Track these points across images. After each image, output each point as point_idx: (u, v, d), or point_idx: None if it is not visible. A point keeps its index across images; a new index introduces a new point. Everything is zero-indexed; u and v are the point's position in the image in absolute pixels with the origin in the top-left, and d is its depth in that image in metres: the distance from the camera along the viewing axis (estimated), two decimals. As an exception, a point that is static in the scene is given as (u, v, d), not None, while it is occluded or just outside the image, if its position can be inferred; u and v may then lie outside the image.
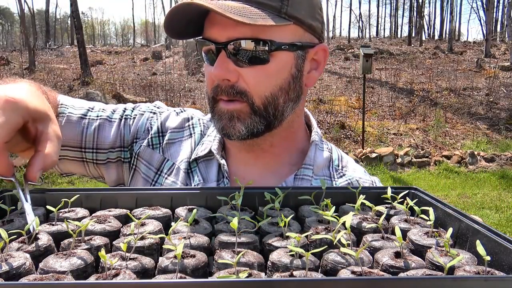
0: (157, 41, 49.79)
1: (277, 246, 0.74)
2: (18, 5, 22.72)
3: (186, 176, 1.22)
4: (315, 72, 1.17)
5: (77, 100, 1.33)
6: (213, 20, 1.06)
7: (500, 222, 6.56)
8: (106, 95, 12.32)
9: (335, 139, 10.80)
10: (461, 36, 64.01)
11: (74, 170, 1.31)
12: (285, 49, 1.06)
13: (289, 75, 1.09)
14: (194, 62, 16.54)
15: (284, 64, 1.08)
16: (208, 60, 1.11)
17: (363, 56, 9.71)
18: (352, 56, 20.81)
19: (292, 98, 1.12)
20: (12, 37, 72.68)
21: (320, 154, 1.24)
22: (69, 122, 1.23)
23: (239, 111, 1.08)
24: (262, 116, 1.09)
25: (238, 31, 1.02)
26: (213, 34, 1.06)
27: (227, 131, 1.10)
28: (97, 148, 1.25)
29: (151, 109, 1.33)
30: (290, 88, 1.11)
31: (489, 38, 21.54)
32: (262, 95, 1.07)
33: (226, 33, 1.03)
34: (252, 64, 1.05)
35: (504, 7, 39.74)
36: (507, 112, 13.41)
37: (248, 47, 1.03)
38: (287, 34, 1.06)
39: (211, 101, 1.12)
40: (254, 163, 1.22)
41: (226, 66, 1.05)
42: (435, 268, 0.68)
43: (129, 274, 0.62)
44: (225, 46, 1.04)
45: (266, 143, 1.19)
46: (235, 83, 1.06)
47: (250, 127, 1.09)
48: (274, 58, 1.05)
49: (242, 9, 1.00)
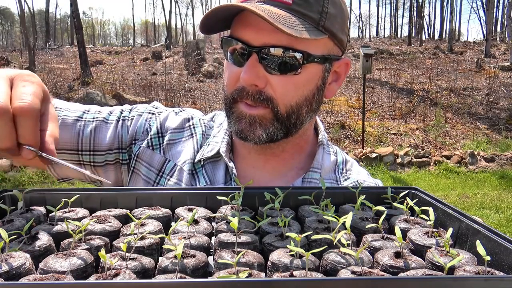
0: (157, 41, 49.80)
1: (277, 246, 0.74)
2: (18, 5, 22.73)
3: (190, 177, 1.20)
4: (335, 85, 1.17)
5: (72, 104, 1.31)
6: (247, 21, 1.04)
7: (500, 222, 6.56)
8: (106, 95, 12.31)
9: (335, 139, 10.80)
10: (461, 36, 64.07)
11: (72, 175, 1.29)
12: (317, 62, 1.06)
13: (314, 87, 1.09)
14: (194, 62, 16.53)
15: (313, 76, 1.08)
16: (233, 59, 1.09)
17: (363, 56, 9.71)
18: (352, 56, 20.79)
19: (314, 109, 1.13)
20: (12, 37, 72.69)
21: (327, 158, 1.24)
22: (64, 124, 1.21)
23: (261, 116, 1.07)
24: (284, 124, 1.09)
25: (274, 38, 1.01)
26: (247, 36, 1.04)
27: (246, 135, 1.09)
28: (94, 150, 1.23)
29: (149, 109, 1.31)
30: (314, 99, 1.11)
31: (489, 38, 21.54)
32: (287, 104, 1.07)
33: (262, 38, 1.02)
34: (282, 72, 1.04)
35: (504, 7, 39.76)
36: (507, 112, 13.41)
37: (281, 55, 1.02)
38: (321, 46, 1.06)
39: (230, 101, 1.10)
40: (263, 166, 1.22)
41: (256, 71, 1.03)
42: (435, 268, 0.68)
43: (129, 274, 0.62)
44: (258, 50, 1.02)
45: (279, 148, 1.19)
46: (262, 89, 1.05)
47: (271, 133, 1.08)
48: (305, 69, 1.05)
49: (287, 19, 0.98)
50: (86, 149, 1.23)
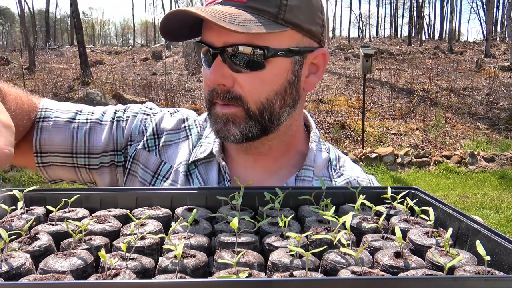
0: (157, 41, 49.76)
1: (277, 246, 0.74)
2: (18, 5, 22.73)
3: (185, 179, 1.20)
4: (314, 77, 1.15)
5: (62, 103, 1.29)
6: (209, 24, 1.05)
7: (500, 222, 6.56)
8: (106, 95, 12.31)
9: (335, 139, 10.81)
10: (461, 36, 64.02)
11: (64, 177, 1.27)
12: (281, 55, 1.05)
13: (285, 81, 1.08)
14: (194, 62, 16.53)
15: (281, 70, 1.07)
16: (206, 62, 1.11)
17: (363, 56, 9.71)
18: (352, 56, 20.81)
19: (289, 103, 1.12)
20: (12, 37, 72.67)
21: (319, 155, 1.24)
22: (57, 126, 1.20)
23: (234, 115, 1.08)
24: (257, 121, 1.08)
25: (233, 37, 1.01)
26: (210, 38, 1.06)
27: (222, 134, 1.10)
28: (89, 153, 1.22)
29: (144, 110, 1.30)
30: (287, 93, 1.10)
31: (489, 38, 21.54)
32: (257, 100, 1.07)
33: (222, 38, 1.03)
34: (247, 69, 1.04)
35: (504, 7, 39.76)
36: (507, 112, 13.41)
37: (244, 53, 1.02)
38: (284, 40, 1.05)
39: (208, 104, 1.12)
40: (254, 165, 1.22)
41: (221, 71, 1.04)
42: (435, 268, 0.68)
43: (129, 274, 0.62)
44: (221, 51, 1.04)
45: (265, 147, 1.18)
46: (230, 88, 1.06)
47: (245, 131, 1.08)
48: (270, 64, 1.04)
49: (237, 16, 0.99)
50: (81, 152, 1.22)
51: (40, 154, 1.21)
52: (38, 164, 1.22)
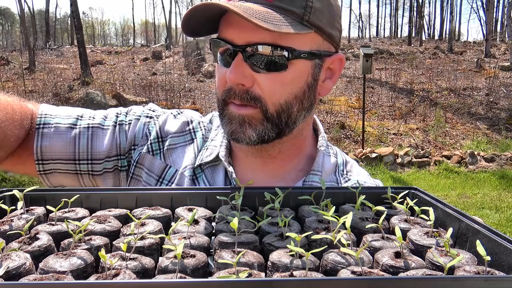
0: (157, 41, 49.78)
1: (277, 246, 0.74)
2: (18, 5, 22.72)
3: (191, 183, 1.18)
4: (329, 82, 1.14)
5: (62, 108, 1.27)
6: (230, 21, 1.02)
7: (500, 222, 6.55)
8: (106, 95, 12.30)
9: (335, 139, 10.80)
10: (461, 36, 64.06)
11: (66, 183, 1.25)
12: (304, 58, 1.03)
13: (305, 84, 1.07)
14: (194, 62, 16.53)
15: (301, 72, 1.05)
16: (222, 61, 1.07)
17: (363, 56, 9.70)
18: (352, 56, 20.79)
19: (306, 107, 1.10)
20: (12, 37, 72.64)
21: (327, 160, 1.22)
22: (58, 133, 1.18)
23: (251, 116, 1.05)
24: (275, 123, 1.06)
25: (257, 35, 0.99)
26: (231, 36, 1.02)
27: (237, 136, 1.07)
28: (92, 159, 1.20)
29: (146, 113, 1.28)
30: (305, 97, 1.08)
31: (489, 38, 21.53)
32: (276, 102, 1.04)
33: (245, 36, 1.00)
34: (269, 70, 1.02)
35: (504, 7, 39.74)
36: (507, 112, 13.41)
37: (266, 53, 1.00)
38: (307, 42, 1.04)
39: (221, 103, 1.09)
40: (262, 169, 1.20)
41: (242, 70, 1.02)
42: (435, 268, 0.68)
43: (129, 274, 0.62)
44: (242, 49, 1.01)
45: (275, 150, 1.16)
46: (249, 88, 1.03)
47: (261, 134, 1.06)
48: (292, 66, 1.02)
49: (266, 14, 0.96)
50: (84, 158, 1.19)
51: (41, 162, 1.19)
52: (39, 172, 1.20)
